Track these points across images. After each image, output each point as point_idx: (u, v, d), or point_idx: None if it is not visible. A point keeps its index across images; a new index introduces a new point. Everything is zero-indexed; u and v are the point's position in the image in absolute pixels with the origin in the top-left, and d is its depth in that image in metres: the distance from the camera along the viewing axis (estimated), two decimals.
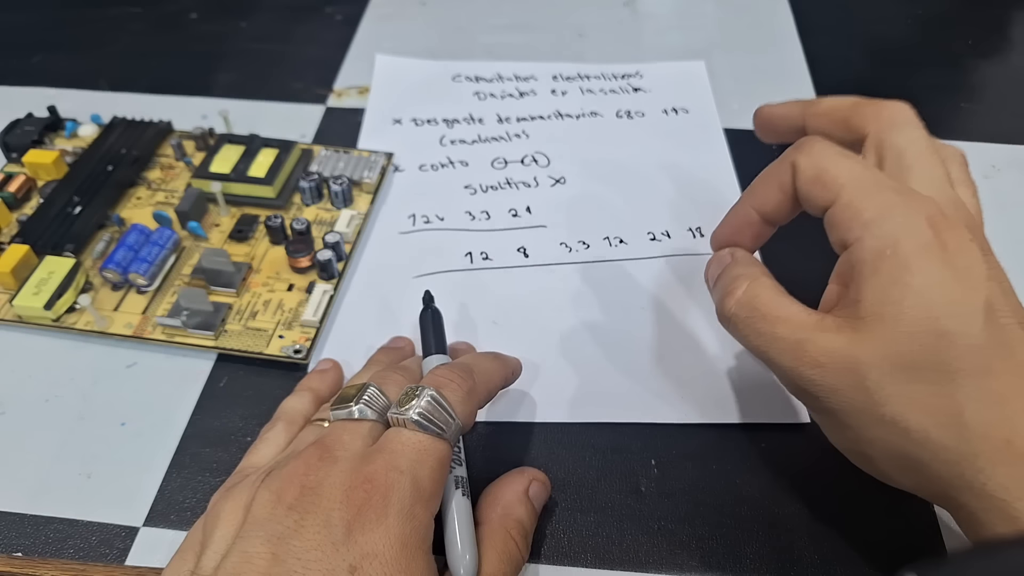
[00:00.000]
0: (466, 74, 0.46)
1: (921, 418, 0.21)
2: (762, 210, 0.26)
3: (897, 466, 0.22)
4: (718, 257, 0.27)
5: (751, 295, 0.24)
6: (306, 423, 0.27)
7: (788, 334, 0.23)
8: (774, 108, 0.28)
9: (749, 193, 0.26)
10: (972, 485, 0.20)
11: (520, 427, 0.30)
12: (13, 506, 0.27)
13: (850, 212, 0.22)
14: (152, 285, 0.33)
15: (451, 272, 0.35)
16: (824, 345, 0.22)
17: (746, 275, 0.25)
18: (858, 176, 0.23)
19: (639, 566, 0.26)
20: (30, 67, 0.46)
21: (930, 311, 0.21)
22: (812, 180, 0.23)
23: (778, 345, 0.23)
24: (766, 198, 0.25)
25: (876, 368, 0.21)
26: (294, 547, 0.20)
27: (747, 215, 0.26)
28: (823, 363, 0.22)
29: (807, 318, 0.23)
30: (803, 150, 0.24)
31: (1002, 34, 0.50)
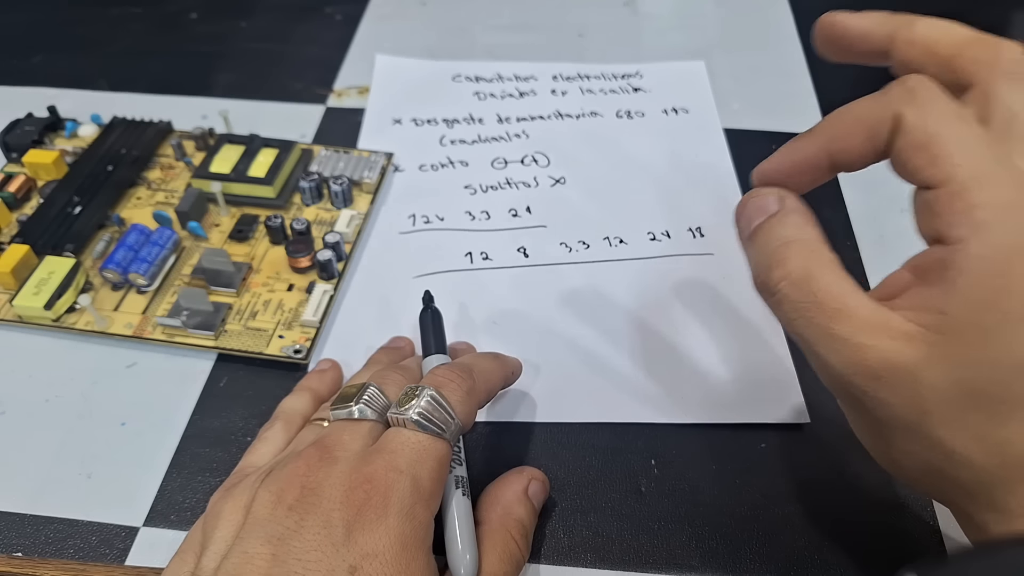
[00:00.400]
0: (466, 74, 0.46)
1: (970, 444, 0.19)
2: (837, 156, 0.21)
3: (926, 478, 0.21)
4: (759, 200, 0.22)
5: (808, 273, 0.20)
6: (305, 423, 0.27)
7: (849, 334, 0.19)
8: (851, 19, 0.23)
9: (825, 131, 0.21)
10: (997, 504, 0.19)
11: (520, 427, 0.30)
12: (13, 506, 0.27)
13: (961, 204, 0.18)
14: (152, 285, 0.33)
15: (451, 272, 0.35)
16: (889, 357, 0.19)
17: (801, 242, 0.20)
18: (978, 159, 0.18)
19: (639, 566, 0.26)
20: (30, 67, 0.46)
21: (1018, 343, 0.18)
22: (919, 146, 0.19)
23: (833, 344, 0.19)
24: (848, 143, 0.20)
25: (942, 392, 0.18)
26: (294, 548, 0.20)
27: (815, 157, 0.21)
28: (882, 376, 0.19)
29: (873, 316, 0.19)
30: (916, 100, 0.19)
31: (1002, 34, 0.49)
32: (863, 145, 0.20)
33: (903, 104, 0.19)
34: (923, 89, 0.19)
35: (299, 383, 0.30)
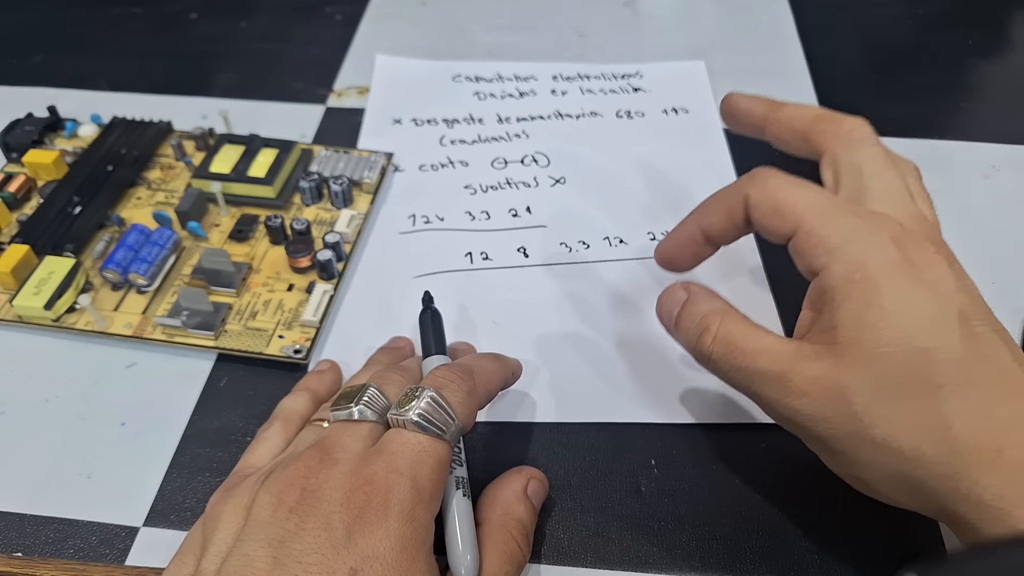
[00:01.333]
0: (466, 74, 0.46)
1: (911, 437, 0.21)
2: (708, 232, 0.26)
3: (895, 487, 0.22)
4: (670, 295, 0.26)
5: (726, 331, 0.24)
6: (303, 423, 0.27)
7: (770, 366, 0.22)
8: (741, 100, 0.28)
9: (698, 213, 0.26)
10: (968, 497, 0.20)
11: (520, 427, 0.30)
12: (13, 506, 0.27)
13: (814, 240, 0.22)
14: (152, 285, 0.33)
15: (451, 272, 0.35)
16: (807, 374, 0.22)
17: (714, 311, 0.24)
18: (816, 203, 0.23)
19: (639, 566, 0.26)
20: (30, 67, 0.46)
21: (906, 330, 0.21)
22: (769, 212, 0.23)
23: (761, 378, 0.23)
24: (713, 221, 0.25)
25: (861, 392, 0.21)
26: (295, 550, 0.20)
27: (692, 234, 0.26)
28: (808, 392, 0.22)
29: (786, 348, 0.23)
30: (756, 183, 0.24)
31: (1002, 34, 0.50)
32: (725, 222, 0.25)
33: (750, 187, 0.24)
34: (763, 174, 0.24)
35: (298, 384, 0.30)
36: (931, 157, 0.41)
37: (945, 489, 0.21)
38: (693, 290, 0.26)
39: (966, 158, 0.41)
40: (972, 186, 0.39)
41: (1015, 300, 0.33)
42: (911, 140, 0.41)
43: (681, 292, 0.26)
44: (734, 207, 0.25)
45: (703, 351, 0.24)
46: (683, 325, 0.25)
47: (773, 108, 0.27)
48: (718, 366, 0.24)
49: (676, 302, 0.26)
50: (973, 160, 0.41)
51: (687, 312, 0.25)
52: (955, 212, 0.38)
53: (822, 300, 0.23)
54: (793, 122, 0.26)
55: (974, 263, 0.24)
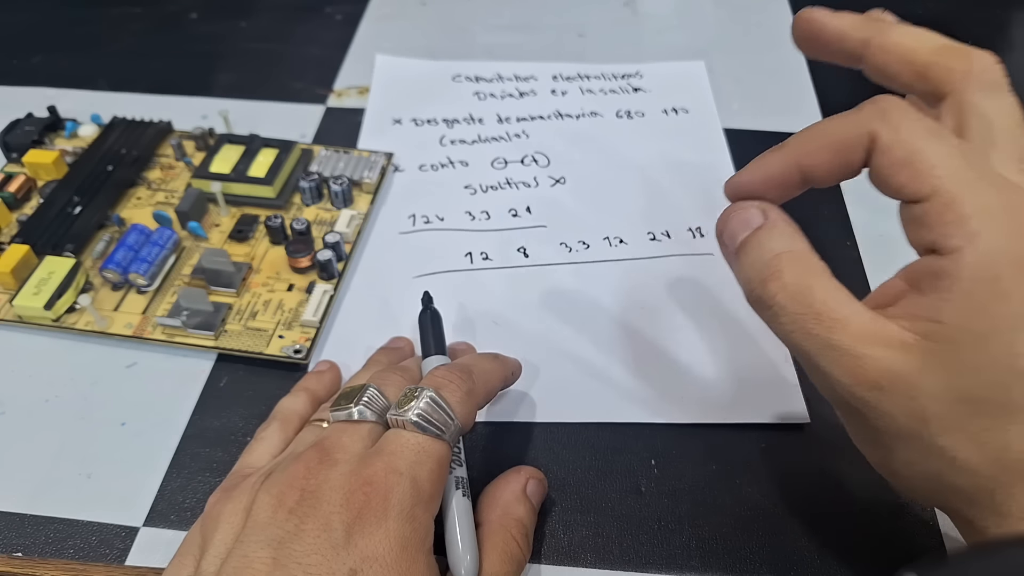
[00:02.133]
0: (466, 74, 0.46)
1: (971, 450, 0.19)
2: (808, 172, 0.21)
3: (926, 485, 0.21)
4: (742, 213, 0.22)
5: (804, 284, 0.20)
6: (302, 423, 0.27)
7: (848, 344, 0.19)
8: (828, 18, 0.23)
9: (797, 146, 0.21)
10: (998, 508, 0.19)
11: (520, 427, 0.30)
12: (13, 506, 0.27)
13: (951, 215, 0.19)
14: (152, 285, 0.33)
15: (451, 272, 0.35)
16: (888, 366, 0.19)
17: (793, 253, 0.20)
18: (960, 169, 0.19)
19: (639, 566, 0.26)
20: (30, 67, 0.46)
21: (1014, 347, 0.18)
22: (901, 163, 0.19)
23: (832, 355, 0.19)
24: (819, 159, 0.21)
25: (941, 400, 0.19)
26: (294, 551, 0.20)
27: (787, 171, 0.21)
28: (883, 385, 0.19)
29: (870, 325, 0.19)
30: (888, 119, 0.20)
31: (1002, 34, 0.49)
32: (834, 162, 0.21)
33: (877, 123, 0.20)
34: (896, 108, 0.20)
35: (297, 384, 0.30)
36: None
37: (979, 497, 0.19)
38: (772, 217, 0.21)
39: None
40: None
41: None
42: None
43: (756, 214, 0.21)
44: (852, 145, 0.20)
45: (765, 298, 0.20)
46: (748, 257, 0.21)
47: (879, 31, 0.22)
48: (779, 322, 0.20)
49: (746, 225, 0.21)
50: None
51: (757, 242, 0.21)
52: None
53: (931, 282, 0.19)
54: (910, 53, 0.22)
55: None
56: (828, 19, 0.23)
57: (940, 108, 0.21)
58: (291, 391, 0.29)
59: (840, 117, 0.21)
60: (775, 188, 0.22)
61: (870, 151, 0.20)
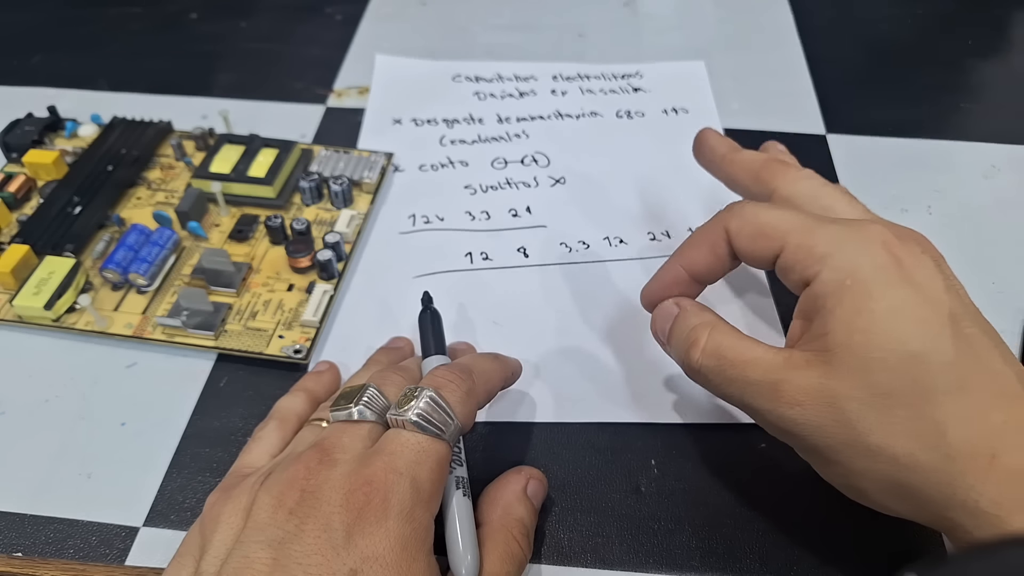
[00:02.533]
0: (466, 74, 0.46)
1: (906, 443, 0.20)
2: (692, 270, 0.26)
3: (891, 495, 0.22)
4: (663, 310, 0.26)
5: (715, 343, 0.24)
6: (300, 423, 0.27)
7: (761, 376, 0.22)
8: (711, 138, 0.30)
9: (679, 254, 0.26)
10: (965, 504, 0.20)
11: (520, 427, 0.30)
12: (13, 506, 0.27)
13: (802, 252, 0.23)
14: (152, 285, 0.33)
15: (451, 272, 0.35)
16: (799, 383, 0.22)
17: (703, 324, 0.24)
18: (799, 219, 0.23)
19: (639, 566, 0.26)
20: (30, 67, 0.46)
21: (898, 334, 0.21)
22: (754, 236, 0.24)
23: (752, 389, 0.23)
24: (697, 259, 0.26)
25: (855, 399, 0.21)
26: (295, 552, 0.20)
27: (677, 274, 0.26)
28: (801, 401, 0.22)
29: (776, 357, 0.22)
30: (734, 213, 0.25)
31: (1002, 34, 0.50)
32: (708, 257, 0.25)
33: (729, 219, 0.25)
34: (740, 205, 0.25)
35: (296, 384, 0.30)
36: (931, 157, 0.41)
37: (941, 496, 0.20)
38: (683, 304, 0.26)
39: (966, 158, 0.41)
40: (972, 186, 0.39)
41: (1015, 300, 0.33)
42: (911, 140, 0.41)
43: (672, 307, 0.26)
44: (716, 241, 0.25)
45: (692, 364, 0.24)
46: (674, 340, 0.25)
47: (732, 150, 0.29)
48: (708, 379, 0.24)
49: (668, 317, 0.26)
50: (973, 160, 0.41)
51: (677, 326, 0.25)
52: (955, 212, 0.38)
53: (813, 308, 0.22)
54: (748, 163, 0.28)
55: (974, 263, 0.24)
56: (711, 138, 0.30)
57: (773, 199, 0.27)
58: (290, 391, 0.29)
59: (702, 226, 0.26)
60: (673, 289, 0.27)
61: (729, 240, 0.25)
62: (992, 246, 0.36)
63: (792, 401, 0.22)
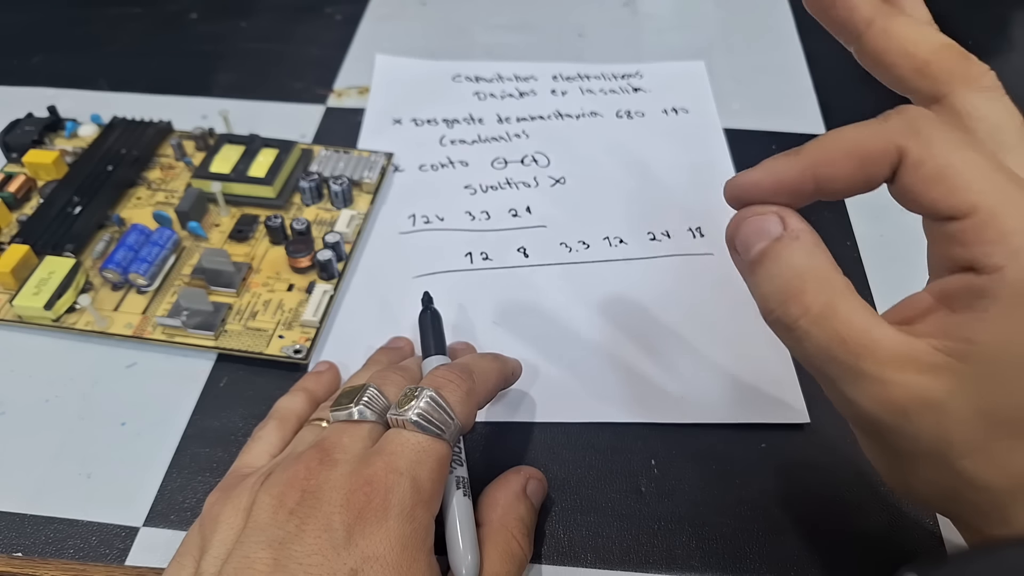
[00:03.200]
0: (466, 74, 0.46)
1: (992, 471, 0.18)
2: (824, 182, 0.19)
3: (940, 501, 0.20)
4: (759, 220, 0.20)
5: (829, 308, 0.18)
6: (300, 423, 0.27)
7: (875, 371, 0.18)
8: None
9: (816, 153, 0.19)
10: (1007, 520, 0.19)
11: (520, 427, 0.30)
12: (13, 506, 0.27)
13: (992, 233, 0.17)
14: (152, 285, 0.33)
15: (451, 272, 0.35)
16: (915, 391, 0.18)
17: (816, 272, 0.19)
18: (998, 183, 0.18)
19: (639, 566, 0.26)
20: (30, 67, 0.46)
21: None
22: (935, 179, 0.18)
23: (859, 382, 0.18)
24: (840, 169, 0.19)
25: (967, 422, 0.18)
26: (295, 552, 0.20)
27: (801, 178, 0.19)
28: (909, 411, 0.18)
29: (899, 348, 0.18)
30: (918, 133, 0.18)
31: (1002, 34, 0.49)
32: (856, 174, 0.19)
33: (906, 137, 0.18)
34: (926, 119, 0.18)
35: (295, 384, 0.30)
36: None
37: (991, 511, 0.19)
38: (793, 226, 0.19)
39: None
40: None
41: None
42: None
43: (775, 222, 0.19)
44: (878, 158, 0.18)
45: (786, 321, 0.19)
46: (766, 273, 0.19)
47: (884, 15, 0.21)
48: (802, 346, 0.19)
49: (764, 234, 0.19)
50: None
51: (776, 256, 0.19)
52: None
53: (967, 300, 0.18)
54: (912, 44, 0.21)
55: None
56: None
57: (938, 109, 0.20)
58: (289, 391, 0.29)
59: (863, 126, 0.19)
60: (784, 195, 0.20)
61: (897, 166, 0.18)
62: None
63: (899, 409, 0.18)
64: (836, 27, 0.22)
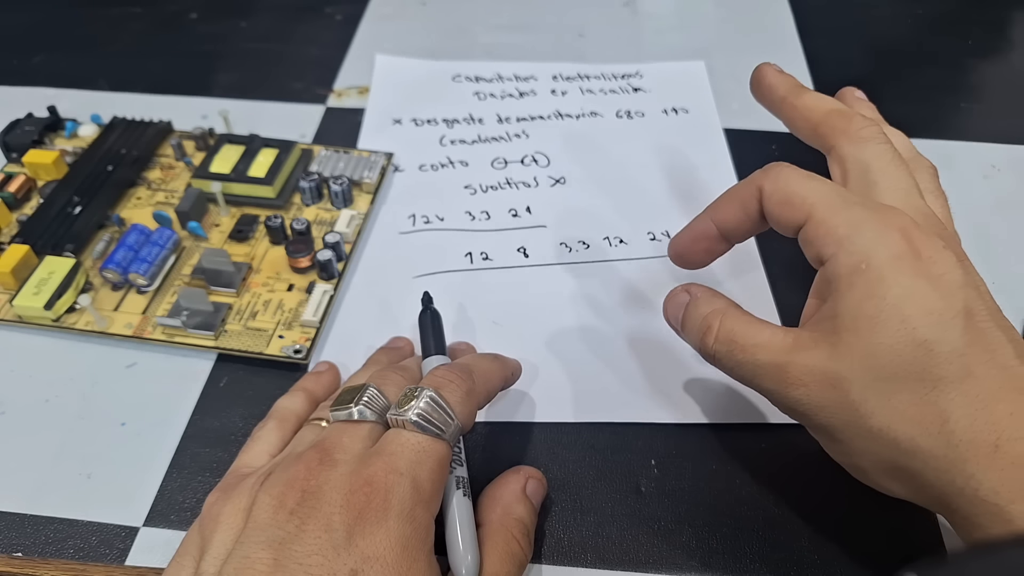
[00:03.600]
0: (466, 74, 0.46)
1: (908, 428, 0.21)
2: (722, 226, 0.26)
3: (891, 476, 0.22)
4: (675, 297, 0.27)
5: (727, 329, 0.24)
6: (299, 423, 0.27)
7: (769, 359, 0.23)
8: (772, 75, 0.29)
9: (712, 208, 0.26)
10: (964, 491, 0.20)
11: (520, 427, 0.30)
12: (13, 506, 0.27)
13: (823, 229, 0.23)
14: (152, 285, 0.33)
15: (451, 272, 0.35)
16: (804, 364, 0.22)
17: (715, 311, 0.25)
18: (827, 194, 0.23)
19: (639, 566, 0.26)
20: (30, 67, 0.46)
21: (907, 321, 0.21)
22: (781, 202, 0.24)
23: (761, 371, 0.23)
24: (728, 215, 0.26)
25: (858, 382, 0.21)
26: (295, 552, 0.20)
27: (707, 228, 0.26)
28: (806, 382, 0.22)
29: (784, 340, 0.23)
30: (769, 176, 0.24)
31: (1002, 34, 0.50)
32: (739, 215, 0.25)
33: (763, 179, 0.25)
34: (777, 167, 0.25)
35: (295, 384, 0.30)
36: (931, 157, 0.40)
37: (940, 481, 0.21)
38: (694, 291, 0.26)
39: (966, 158, 0.41)
40: (972, 186, 0.39)
41: (1015, 299, 0.33)
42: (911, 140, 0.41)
43: (683, 295, 0.26)
44: (748, 199, 0.25)
45: (707, 350, 0.25)
46: (688, 326, 0.26)
47: (792, 92, 0.28)
48: (722, 363, 0.25)
49: (680, 304, 0.26)
50: (973, 160, 0.41)
51: (690, 314, 0.26)
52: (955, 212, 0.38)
53: (827, 289, 0.23)
54: (807, 112, 0.27)
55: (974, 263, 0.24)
56: (769, 74, 0.29)
57: (829, 160, 0.26)
58: (289, 391, 0.29)
59: (740, 182, 0.26)
60: (701, 246, 0.27)
61: (760, 200, 0.25)
62: (992, 246, 0.36)
63: (797, 382, 0.22)
64: (765, 103, 0.29)
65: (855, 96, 0.30)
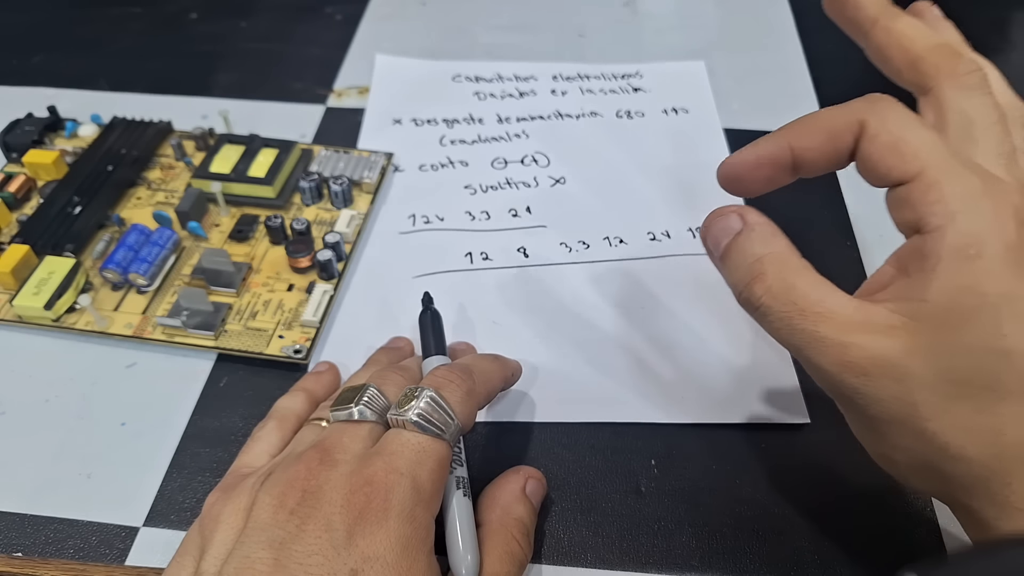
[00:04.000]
0: (466, 74, 0.46)
1: (962, 436, 0.19)
2: (800, 155, 0.22)
3: (922, 474, 0.21)
4: (723, 218, 0.22)
5: (786, 284, 0.20)
6: (299, 422, 0.27)
7: (833, 335, 0.20)
8: None
9: (792, 132, 0.22)
10: (995, 497, 0.19)
11: (520, 427, 0.30)
12: (13, 506, 0.27)
13: (934, 195, 0.19)
14: (152, 285, 0.33)
15: (451, 272, 0.35)
16: (873, 352, 0.19)
17: (773, 255, 0.21)
18: (942, 153, 0.20)
19: (639, 566, 0.26)
20: (30, 67, 0.46)
21: (1000, 326, 0.18)
22: (889, 148, 0.20)
23: (819, 347, 0.20)
24: (812, 143, 0.21)
25: (928, 383, 0.19)
26: (295, 552, 0.20)
27: (780, 153, 0.22)
28: (869, 371, 0.19)
29: (854, 315, 0.20)
30: (877, 110, 0.21)
31: (1002, 34, 0.49)
32: (825, 146, 0.21)
33: (868, 112, 0.21)
34: (885, 102, 0.21)
35: (295, 384, 0.30)
36: None
37: (974, 486, 0.19)
38: (751, 220, 0.22)
39: None
40: None
41: None
42: None
43: (735, 219, 0.22)
44: (841, 132, 0.21)
45: (752, 300, 0.21)
46: (732, 261, 0.22)
47: (887, 15, 0.23)
48: (768, 321, 0.21)
49: (728, 231, 0.22)
50: None
51: (739, 247, 0.22)
52: None
53: (917, 264, 0.20)
54: (908, 41, 0.23)
55: None
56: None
57: (922, 101, 0.23)
58: (289, 391, 0.29)
59: (832, 107, 0.22)
60: (767, 167, 0.22)
61: (859, 138, 0.21)
62: None
63: (859, 370, 0.19)
64: (848, 25, 0.25)
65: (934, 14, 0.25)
